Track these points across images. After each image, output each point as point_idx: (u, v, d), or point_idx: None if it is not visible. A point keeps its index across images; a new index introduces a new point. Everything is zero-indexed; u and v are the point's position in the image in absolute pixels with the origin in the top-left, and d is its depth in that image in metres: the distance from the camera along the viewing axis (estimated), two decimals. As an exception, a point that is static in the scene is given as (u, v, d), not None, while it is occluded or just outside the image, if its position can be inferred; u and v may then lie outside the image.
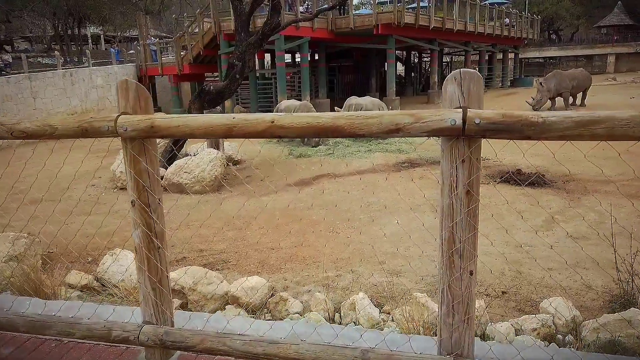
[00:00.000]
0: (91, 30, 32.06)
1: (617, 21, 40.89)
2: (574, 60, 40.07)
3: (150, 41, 22.38)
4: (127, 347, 1.91)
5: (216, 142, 9.64)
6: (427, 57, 31.23)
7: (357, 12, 22.08)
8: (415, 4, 21.71)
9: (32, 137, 1.57)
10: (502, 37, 28.07)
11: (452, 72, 1.37)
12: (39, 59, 21.24)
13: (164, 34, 32.18)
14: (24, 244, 4.82)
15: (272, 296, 4.35)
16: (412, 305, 3.91)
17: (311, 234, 6.11)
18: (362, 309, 3.81)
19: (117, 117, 1.54)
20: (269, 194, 8.17)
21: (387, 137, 1.41)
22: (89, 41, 33.03)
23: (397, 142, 11.75)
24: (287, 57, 26.44)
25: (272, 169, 10.26)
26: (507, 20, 28.60)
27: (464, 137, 1.33)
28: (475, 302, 1.46)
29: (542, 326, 3.51)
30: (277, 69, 18.73)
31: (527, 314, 3.91)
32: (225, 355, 1.69)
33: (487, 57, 29.66)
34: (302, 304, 4.24)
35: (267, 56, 26.78)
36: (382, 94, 22.38)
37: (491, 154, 8.24)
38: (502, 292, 4.30)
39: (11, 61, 18.85)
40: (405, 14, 19.15)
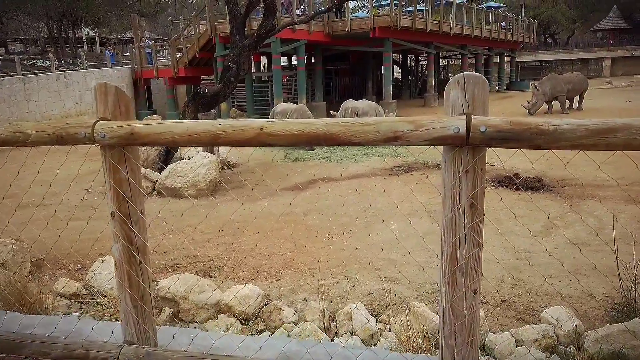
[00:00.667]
0: (86, 32, 31.90)
1: (612, 25, 41.04)
2: (570, 64, 40.21)
3: (145, 44, 22.26)
4: (108, 368, 1.79)
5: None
6: (424, 60, 31.25)
7: (354, 15, 22.03)
8: (412, 7, 21.69)
9: (2, 144, 1.47)
10: (498, 40, 28.10)
11: (455, 76, 1.27)
12: (33, 62, 21.09)
13: (160, 37, 32.04)
14: (10, 250, 4.68)
15: (266, 304, 4.23)
16: (410, 314, 3.81)
17: (307, 239, 6.00)
18: (358, 319, 3.70)
19: (95, 123, 1.43)
20: (265, 198, 8.06)
21: (384, 146, 1.31)
22: (84, 43, 32.86)
23: (393, 145, 11.62)
24: (284, 60, 26.37)
25: (267, 173, 10.16)
26: (503, 23, 28.64)
27: (468, 146, 1.23)
28: (479, 323, 1.36)
29: (543, 337, 3.41)
30: (273, 71, 18.65)
31: (527, 323, 3.82)
32: (211, 377, 1.58)
33: (483, 61, 29.68)
34: (296, 313, 4.12)
35: (264, 59, 26.69)
36: (378, 97, 22.32)
37: (488, 158, 8.15)
38: (502, 301, 4.20)
39: (0, 63, 18.65)
40: (401, 17, 19.11)
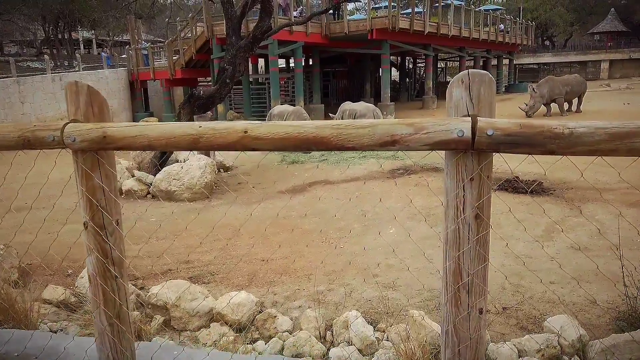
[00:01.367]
0: (83, 34, 31.76)
1: (610, 28, 41.07)
2: (568, 66, 40.22)
3: (142, 45, 22.13)
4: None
5: (207, 148, 9.40)
6: (422, 62, 31.20)
7: (352, 17, 21.94)
8: (409, 10, 21.62)
9: (-37, 148, 1.35)
10: (496, 42, 28.07)
11: (458, 74, 1.15)
12: (28, 63, 20.92)
13: (158, 39, 31.93)
14: (-3, 256, 4.55)
15: (260, 312, 4.11)
16: (408, 323, 3.69)
17: (303, 244, 5.88)
18: (355, 328, 3.58)
19: (65, 125, 1.31)
20: (261, 201, 7.94)
21: (380, 150, 1.20)
22: (81, 45, 32.72)
23: (392, 148, 11.51)
24: (281, 62, 26.28)
25: (264, 176, 10.04)
26: (501, 26, 28.62)
27: (473, 151, 1.11)
28: (485, 345, 1.24)
29: (546, 347, 3.29)
30: (270, 73, 18.56)
31: (529, 332, 3.70)
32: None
33: (481, 63, 29.64)
34: (291, 321, 4.00)
35: (261, 61, 26.61)
36: (376, 100, 22.23)
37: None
38: (503, 309, 4.08)
39: None
40: (399, 19, 19.04)
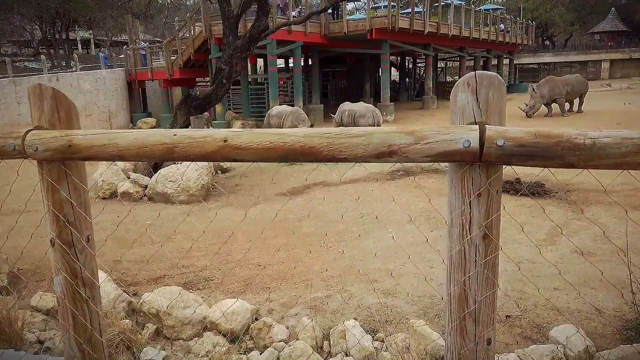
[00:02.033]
0: (81, 34, 31.61)
1: (611, 27, 40.95)
2: (568, 66, 40.09)
3: (140, 45, 22.00)
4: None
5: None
6: (422, 62, 31.08)
7: (351, 17, 21.82)
8: (409, 9, 21.50)
9: None
10: (497, 42, 27.95)
11: (464, 76, 1.02)
12: (25, 63, 20.79)
13: (157, 39, 31.79)
14: (-16, 263, 4.42)
15: (255, 321, 3.98)
16: (408, 332, 3.57)
17: (301, 248, 5.75)
18: (353, 338, 3.45)
19: (26, 133, 1.18)
20: (258, 204, 7.81)
21: (376, 162, 1.06)
22: (79, 45, 32.58)
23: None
24: (281, 62, 26.16)
25: (262, 177, 9.91)
26: (502, 26, 28.49)
27: (481, 164, 0.98)
28: (493, 379, 1.11)
29: (552, 358, 3.17)
30: (269, 73, 18.43)
31: (533, 341, 3.57)
32: None
33: (482, 63, 29.52)
34: (287, 330, 3.87)
35: (260, 61, 26.48)
36: (376, 100, 22.10)
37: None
38: (506, 317, 3.95)
39: None
40: (399, 18, 18.91)
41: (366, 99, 22.32)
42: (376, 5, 23.77)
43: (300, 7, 20.19)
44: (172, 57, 19.73)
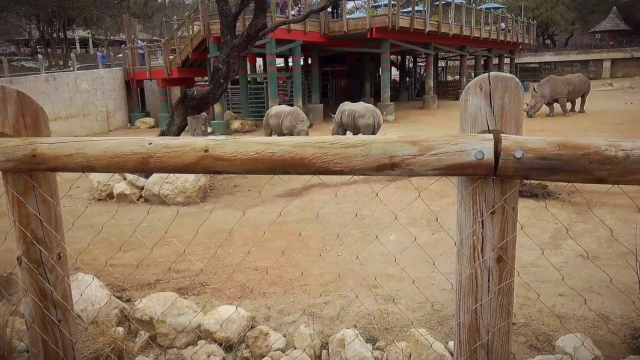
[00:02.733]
0: (79, 33, 31.46)
1: (612, 26, 40.80)
2: (569, 65, 39.97)
3: (138, 44, 21.87)
4: None
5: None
6: (422, 61, 30.95)
7: (351, 16, 21.69)
8: (409, 8, 21.37)
9: None
10: (498, 41, 27.81)
11: (476, 78, 0.90)
12: (22, 63, 20.66)
13: (156, 38, 31.64)
14: (-27, 268, 4.30)
15: (251, 329, 3.86)
16: (409, 341, 3.45)
17: (299, 251, 5.64)
18: (352, 348, 3.33)
19: (-14, 141, 1.06)
20: (257, 205, 7.70)
21: (376, 175, 0.95)
22: (77, 44, 32.44)
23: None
24: (280, 62, 26.03)
25: (261, 178, 9.79)
26: (502, 25, 28.35)
27: (496, 178, 0.86)
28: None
29: (559, 370, 3.05)
30: (268, 73, 18.30)
31: (539, 351, 3.46)
32: None
33: (483, 62, 29.39)
34: (285, 339, 3.75)
35: (260, 60, 26.36)
36: (376, 99, 21.97)
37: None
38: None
39: None
40: (400, 17, 18.78)
41: (366, 98, 22.20)
42: (376, 4, 23.63)
43: (299, 6, 20.05)
44: (170, 57, 19.59)
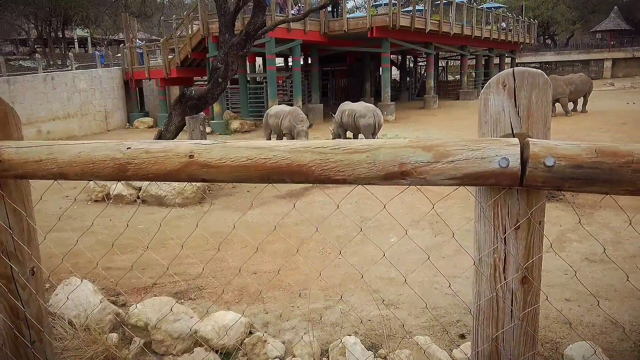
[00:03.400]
0: (78, 32, 31.33)
1: (613, 26, 40.67)
2: (570, 65, 39.85)
3: (137, 44, 21.76)
4: None
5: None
6: (423, 61, 30.83)
7: (351, 15, 21.57)
8: (410, 8, 21.26)
9: None
10: (499, 41, 27.70)
11: (499, 73, 0.79)
12: (20, 62, 20.54)
13: (153, 37, 31.50)
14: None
15: (249, 335, 3.75)
16: (412, 349, 3.35)
17: (299, 254, 5.52)
18: (353, 355, 3.22)
19: (-54, 144, 0.95)
20: (256, 207, 7.59)
21: (384, 185, 0.83)
22: (76, 44, 32.31)
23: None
24: (280, 61, 25.91)
25: (260, 179, 9.68)
26: (503, 24, 28.23)
27: (521, 189, 0.75)
28: None
29: (569, 380, 2.94)
30: (267, 72, 18.18)
31: (546, 359, 3.35)
32: None
33: (483, 62, 29.28)
34: (284, 346, 3.64)
35: (259, 60, 26.25)
36: (376, 99, 21.87)
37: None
38: (516, 331, 3.72)
39: None
40: (400, 16, 18.67)
41: (366, 98, 22.09)
42: (377, 3, 23.52)
43: (299, 5, 19.94)
44: (169, 56, 19.47)
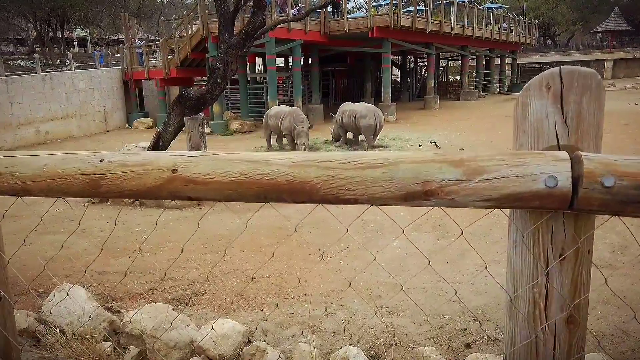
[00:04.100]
0: (77, 32, 31.22)
1: (614, 26, 40.57)
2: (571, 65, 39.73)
3: (136, 44, 21.64)
4: None
5: (197, 145, 8.80)
6: (423, 61, 30.73)
7: (352, 15, 21.46)
8: (411, 8, 21.15)
9: None
10: (499, 41, 27.60)
11: (541, 73, 0.66)
12: (19, 62, 20.42)
13: (153, 37, 31.38)
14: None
15: (248, 343, 3.63)
16: (415, 359, 3.22)
17: (299, 258, 5.41)
18: (355, 368, 3.09)
19: None
20: (255, 209, 7.46)
21: (403, 205, 0.71)
22: (75, 44, 32.20)
23: (396, 142, 10.99)
24: (280, 61, 25.80)
25: (259, 180, 9.56)
26: (504, 25, 28.13)
27: (569, 213, 0.62)
28: None
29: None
30: (267, 72, 18.06)
31: (556, 370, 3.22)
32: None
33: (484, 62, 29.17)
34: (283, 355, 3.51)
35: (259, 60, 26.14)
36: (377, 100, 21.75)
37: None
38: (524, 341, 3.59)
39: None
40: (401, 16, 18.56)
41: (367, 98, 21.97)
42: (377, 3, 23.41)
43: (299, 5, 19.82)
44: (169, 56, 19.35)
